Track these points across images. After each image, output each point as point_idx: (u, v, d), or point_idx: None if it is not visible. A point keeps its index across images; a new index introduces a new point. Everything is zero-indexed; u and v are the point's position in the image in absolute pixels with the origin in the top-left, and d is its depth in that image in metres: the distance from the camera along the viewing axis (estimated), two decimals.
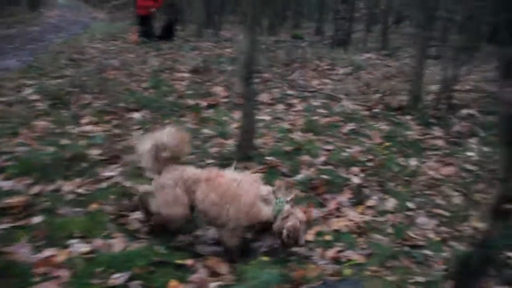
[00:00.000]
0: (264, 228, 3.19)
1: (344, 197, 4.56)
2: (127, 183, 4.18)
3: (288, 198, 3.24)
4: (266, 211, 3.12)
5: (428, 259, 3.71)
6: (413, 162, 5.55)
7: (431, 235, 4.12)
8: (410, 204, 4.53)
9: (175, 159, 3.32)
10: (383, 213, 4.39)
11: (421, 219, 4.34)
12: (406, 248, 3.84)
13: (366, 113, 6.88)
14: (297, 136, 5.86)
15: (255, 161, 4.83)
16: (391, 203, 4.56)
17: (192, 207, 3.25)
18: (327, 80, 8.66)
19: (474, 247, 2.32)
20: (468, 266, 2.31)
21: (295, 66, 9.44)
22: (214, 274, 3.15)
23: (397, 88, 8.31)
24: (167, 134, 3.25)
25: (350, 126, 6.28)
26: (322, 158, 5.25)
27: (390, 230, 4.08)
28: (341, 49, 11.02)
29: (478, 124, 7.30)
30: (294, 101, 7.18)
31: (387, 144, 5.82)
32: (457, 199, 4.83)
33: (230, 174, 3.26)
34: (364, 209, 4.44)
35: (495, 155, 6.38)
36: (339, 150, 5.48)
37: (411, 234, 4.06)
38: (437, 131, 6.74)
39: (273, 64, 9.29)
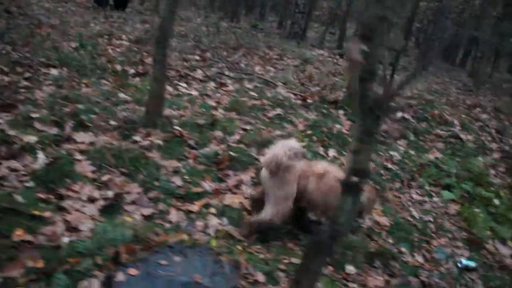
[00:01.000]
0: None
1: (247, 176, 4.39)
2: (11, 132, 3.87)
3: None
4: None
5: None
6: (331, 153, 5.46)
7: None
8: None
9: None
10: None
11: None
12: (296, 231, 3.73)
13: (299, 102, 6.75)
14: (219, 113, 5.66)
15: (161, 129, 4.60)
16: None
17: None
18: (271, 68, 8.52)
19: (327, 223, 2.16)
20: (319, 242, 2.16)
21: (242, 51, 9.24)
22: (72, 229, 2.92)
23: (339, 84, 8.26)
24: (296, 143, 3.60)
25: (277, 111, 6.13)
26: (236, 137, 5.07)
27: None
28: (296, 42, 10.89)
29: (410, 128, 7.34)
30: (228, 81, 6.98)
31: (309, 132, 5.70)
32: None
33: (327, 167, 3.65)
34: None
35: (417, 157, 6.43)
36: (256, 131, 5.31)
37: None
38: None
39: (219, 46, 9.06)
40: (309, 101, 6.87)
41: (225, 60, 7.96)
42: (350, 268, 3.39)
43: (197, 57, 7.89)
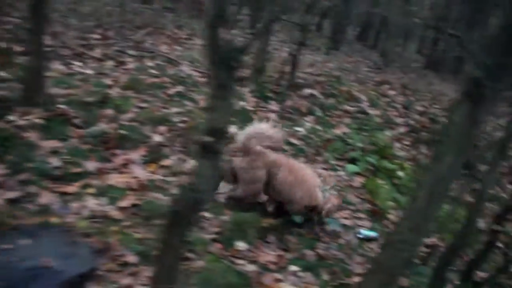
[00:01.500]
0: (312, 209, 3.84)
1: (137, 154, 4.11)
2: None
3: (328, 187, 3.99)
4: (320, 196, 3.82)
5: (205, 221, 3.40)
6: (233, 129, 5.27)
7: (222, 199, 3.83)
8: None
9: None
10: (178, 173, 4.02)
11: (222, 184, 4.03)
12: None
13: (203, 80, 6.48)
14: (114, 92, 5.28)
15: (42, 108, 4.18)
16: (190, 164, 4.20)
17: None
18: (178, 47, 8.16)
19: (183, 190, 1.94)
20: (177, 213, 1.93)
21: (149, 30, 8.80)
22: None
23: (249, 63, 8.05)
24: (272, 128, 3.94)
25: (178, 88, 5.84)
26: (130, 115, 4.74)
27: (174, 190, 3.70)
28: None
29: (318, 104, 7.32)
30: (129, 60, 6.57)
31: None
32: None
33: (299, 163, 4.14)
34: (157, 168, 4.03)
35: (324, 132, 6.42)
36: (153, 108, 5.01)
37: None
38: (273, 105, 6.60)
39: (124, 25, 8.55)
40: None
41: (128, 39, 7.51)
42: (240, 245, 3.22)
43: (97, 36, 7.38)
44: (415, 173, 6.54)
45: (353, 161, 5.98)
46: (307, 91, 7.52)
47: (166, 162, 4.15)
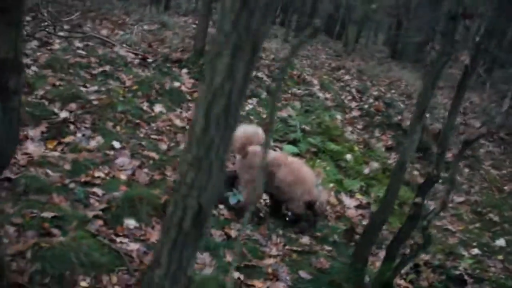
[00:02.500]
0: (310, 204, 3.76)
1: (37, 131, 3.70)
2: None
3: (319, 182, 4.02)
4: (316, 192, 3.77)
5: (90, 197, 3.00)
6: (158, 108, 4.90)
7: (123, 176, 3.44)
8: (116, 144, 3.80)
9: None
10: (78, 150, 3.62)
11: (121, 159, 3.65)
12: (73, 185, 3.10)
13: (136, 61, 6.09)
14: (30, 71, 4.85)
15: None
16: (95, 141, 3.81)
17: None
18: (120, 32, 7.72)
19: None
20: None
21: (92, 15, 8.36)
22: None
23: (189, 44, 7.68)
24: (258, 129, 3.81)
25: (105, 68, 5.43)
26: (40, 92, 4.33)
27: (67, 167, 3.30)
28: (159, 10, 10.18)
29: (263, 86, 6.99)
30: (57, 40, 6.13)
31: (135, 87, 5.09)
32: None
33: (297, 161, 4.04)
34: (56, 145, 3.63)
35: (266, 114, 6.08)
36: (70, 87, 4.59)
37: (96, 173, 3.33)
38: None
39: (63, 10, 8.09)
40: (149, 60, 6.23)
41: (62, 21, 7.06)
42: (130, 222, 2.84)
43: (29, 18, 6.91)
44: (363, 156, 6.28)
45: (293, 142, 5.66)
46: (253, 73, 7.16)
47: (68, 139, 3.74)
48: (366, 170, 5.94)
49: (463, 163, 7.09)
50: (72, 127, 3.93)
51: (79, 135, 3.86)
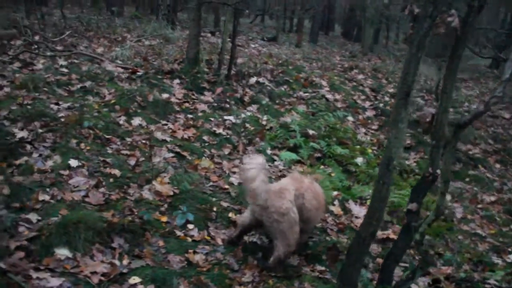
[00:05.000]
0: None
1: None
2: None
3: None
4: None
5: (21, 224, 2.57)
6: (137, 121, 4.48)
7: (75, 198, 3.00)
8: (73, 162, 3.37)
9: None
10: (29, 171, 3.22)
11: (76, 179, 3.22)
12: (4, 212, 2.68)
13: (125, 75, 5.72)
14: (3, 92, 4.54)
15: None
16: (52, 161, 3.40)
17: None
18: (116, 48, 7.42)
19: None
20: None
21: (89, 35, 8.12)
22: None
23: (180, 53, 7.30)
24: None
25: (85, 84, 5.07)
26: (4, 113, 3.98)
27: (5, 191, 2.89)
28: (162, 24, 9.87)
29: (266, 92, 6.51)
30: (41, 61, 5.83)
31: (112, 101, 4.69)
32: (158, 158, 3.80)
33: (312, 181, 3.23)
34: (5, 167, 3.24)
35: (266, 121, 5.59)
36: (39, 105, 4.24)
37: (40, 196, 2.91)
38: (208, 97, 5.80)
39: (61, 31, 7.85)
40: (139, 73, 5.85)
41: (51, 41, 6.79)
42: (61, 252, 2.37)
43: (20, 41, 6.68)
44: (378, 158, 5.66)
45: (294, 148, 5.12)
46: (253, 79, 6.69)
47: (21, 160, 3.34)
48: None
49: (493, 158, 6.35)
50: (29, 147, 3.53)
51: (35, 155, 3.45)
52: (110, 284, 2.27)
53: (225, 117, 5.26)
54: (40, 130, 3.78)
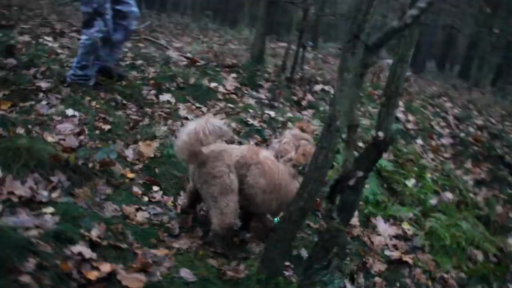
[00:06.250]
0: None
1: None
2: None
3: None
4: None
5: None
6: (165, 97, 4.47)
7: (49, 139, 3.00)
8: (69, 112, 3.40)
9: None
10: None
11: (64, 125, 3.24)
12: None
13: (183, 63, 5.80)
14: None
15: None
16: (54, 109, 3.49)
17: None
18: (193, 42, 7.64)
19: None
20: None
21: (176, 33, 8.51)
22: None
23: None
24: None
25: (136, 62, 5.27)
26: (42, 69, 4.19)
27: None
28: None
29: (329, 100, 6.19)
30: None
31: (152, 77, 4.76)
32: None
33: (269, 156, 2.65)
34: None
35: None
36: None
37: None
38: (261, 94, 5.64)
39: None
40: (199, 63, 5.89)
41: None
42: None
43: None
44: (435, 184, 5.00)
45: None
46: (319, 86, 6.40)
47: (26, 103, 3.45)
48: (434, 201, 4.71)
49: None
50: (41, 95, 3.65)
51: (44, 102, 3.55)
52: (19, 206, 2.16)
53: (266, 111, 5.01)
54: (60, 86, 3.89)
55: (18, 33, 5.57)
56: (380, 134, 1.99)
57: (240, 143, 3.93)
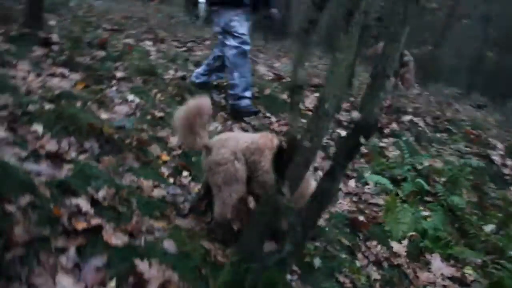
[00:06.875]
0: None
1: None
2: None
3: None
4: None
5: None
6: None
7: None
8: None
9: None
10: None
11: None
12: None
13: (270, 77, 5.94)
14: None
15: None
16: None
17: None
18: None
19: None
20: None
21: (276, 54, 8.75)
22: None
23: None
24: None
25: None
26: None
27: None
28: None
29: (413, 131, 5.87)
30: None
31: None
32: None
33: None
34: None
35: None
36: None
37: None
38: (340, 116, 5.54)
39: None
40: (283, 80, 6.01)
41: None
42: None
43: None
44: None
45: (397, 180, 4.39)
46: (408, 117, 6.10)
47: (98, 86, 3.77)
48: None
49: None
50: (114, 82, 3.96)
51: (114, 88, 3.85)
52: (43, 158, 2.35)
53: (337, 131, 4.89)
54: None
55: (124, 36, 6.15)
56: (355, 114, 1.80)
57: None
